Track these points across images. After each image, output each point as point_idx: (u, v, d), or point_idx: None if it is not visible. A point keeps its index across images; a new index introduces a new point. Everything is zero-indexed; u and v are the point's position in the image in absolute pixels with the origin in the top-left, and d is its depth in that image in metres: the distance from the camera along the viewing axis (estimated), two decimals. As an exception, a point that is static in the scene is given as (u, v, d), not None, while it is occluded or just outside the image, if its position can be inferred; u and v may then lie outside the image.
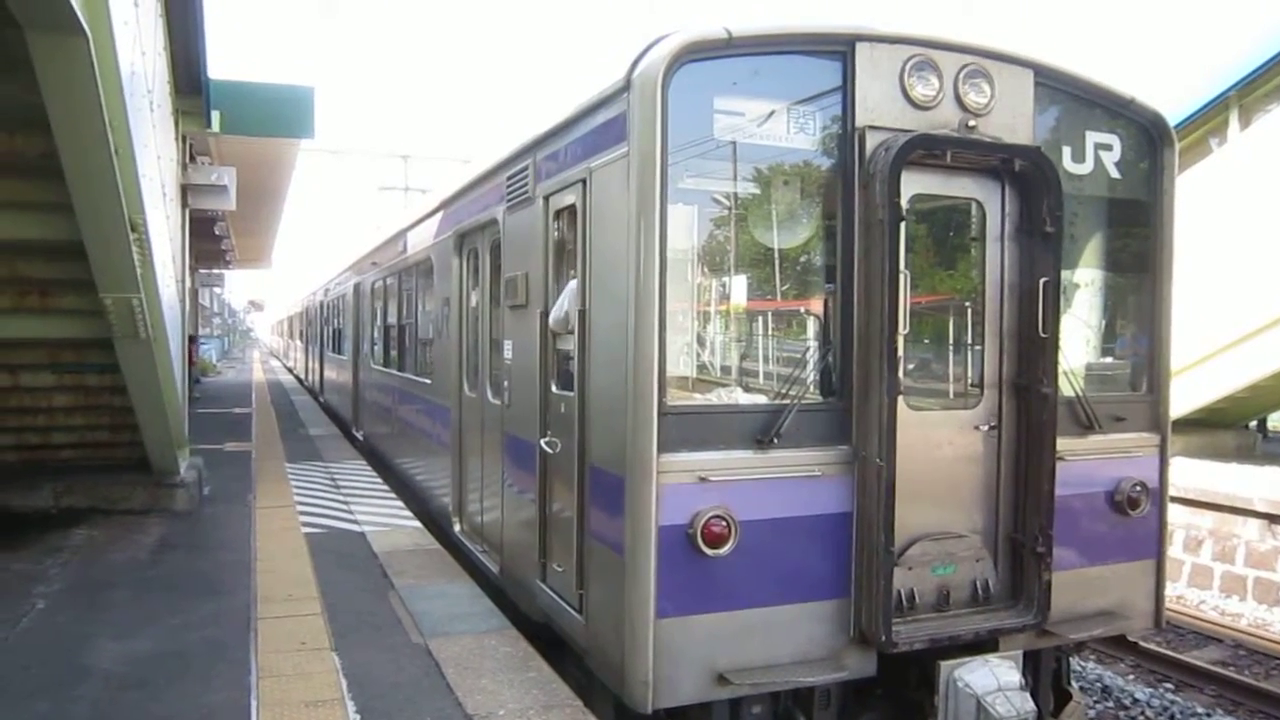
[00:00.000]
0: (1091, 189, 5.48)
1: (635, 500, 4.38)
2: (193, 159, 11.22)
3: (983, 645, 4.86)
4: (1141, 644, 8.91)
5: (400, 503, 9.68)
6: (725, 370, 5.20)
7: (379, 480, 11.11)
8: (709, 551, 4.39)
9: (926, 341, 5.44)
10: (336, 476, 11.32)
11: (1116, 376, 5.83)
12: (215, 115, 9.95)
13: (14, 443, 9.48)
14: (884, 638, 4.54)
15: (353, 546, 7.89)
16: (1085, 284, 5.86)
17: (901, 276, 4.59)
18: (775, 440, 4.53)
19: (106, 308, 6.46)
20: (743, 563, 4.48)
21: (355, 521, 8.75)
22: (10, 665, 5.17)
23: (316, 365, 22.86)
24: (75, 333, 7.40)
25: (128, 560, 7.44)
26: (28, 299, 7.22)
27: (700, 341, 5.17)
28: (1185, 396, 12.81)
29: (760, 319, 5.34)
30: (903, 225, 4.61)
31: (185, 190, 10.43)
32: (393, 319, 11.39)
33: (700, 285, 5.03)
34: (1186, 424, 13.19)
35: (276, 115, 10.78)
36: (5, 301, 7.17)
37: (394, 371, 11.21)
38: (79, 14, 4.18)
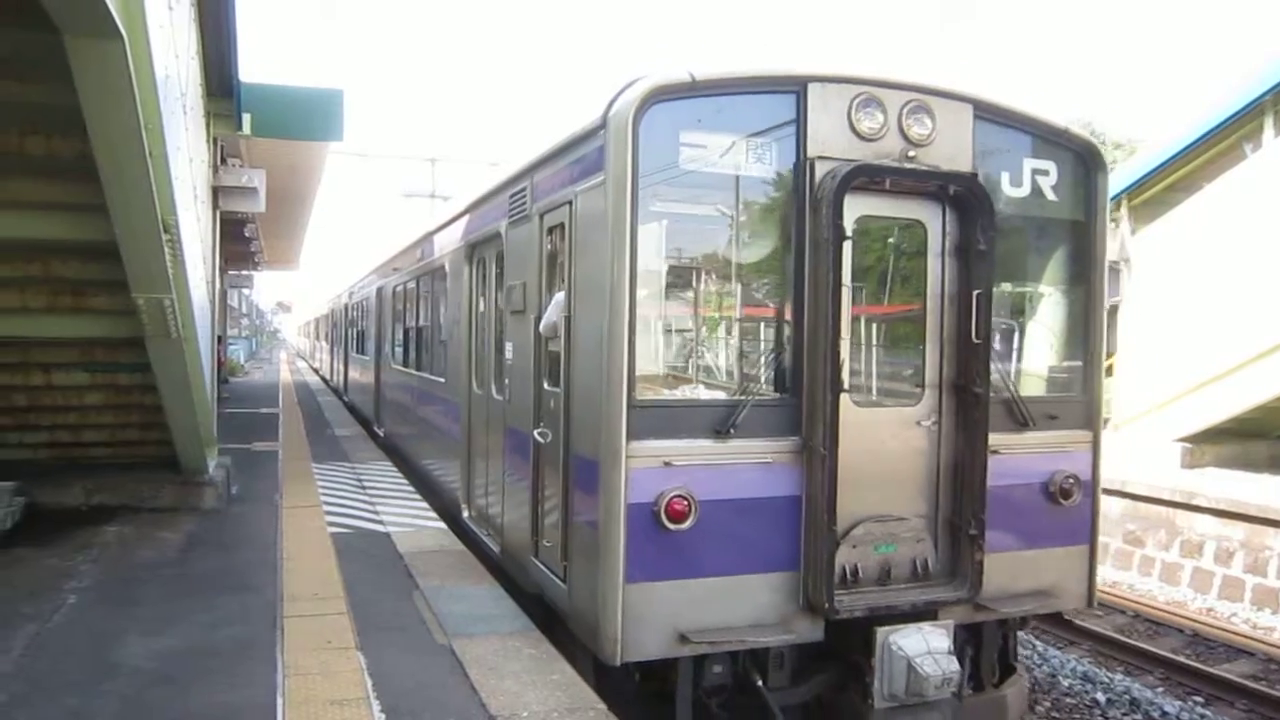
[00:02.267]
0: (1029, 210, 6.08)
1: (607, 481, 5.02)
2: (224, 161, 11.34)
3: (922, 616, 5.38)
4: (1171, 656, 8.81)
5: (425, 504, 9.73)
6: (689, 369, 5.79)
7: (404, 481, 11.17)
8: (671, 526, 5.03)
9: (877, 345, 6.07)
10: (362, 477, 11.39)
11: (1052, 379, 6.40)
12: (246, 118, 10.04)
13: (46, 440, 9.61)
14: (827, 605, 5.15)
15: (378, 547, 7.94)
16: (1023, 295, 6.58)
17: (844, 289, 5.26)
18: (732, 431, 5.15)
19: (139, 307, 6.53)
20: (702, 536, 5.10)
21: (380, 522, 8.80)
22: (42, 660, 5.24)
23: (341, 366, 23.61)
24: (108, 332, 7.49)
25: (157, 557, 7.53)
26: (61, 299, 7.31)
27: (668, 344, 5.82)
28: (1216, 406, 12.67)
29: (722, 325, 5.99)
30: (846, 245, 5.22)
31: (216, 192, 10.55)
32: (412, 322, 11.96)
33: (668, 295, 5.69)
34: (1218, 434, 13.03)
35: (306, 118, 10.86)
36: (40, 301, 7.27)
37: (412, 371, 11.77)
38: (116, 18, 4.24)
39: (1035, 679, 8.27)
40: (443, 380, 9.60)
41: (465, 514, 8.36)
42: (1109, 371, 16.60)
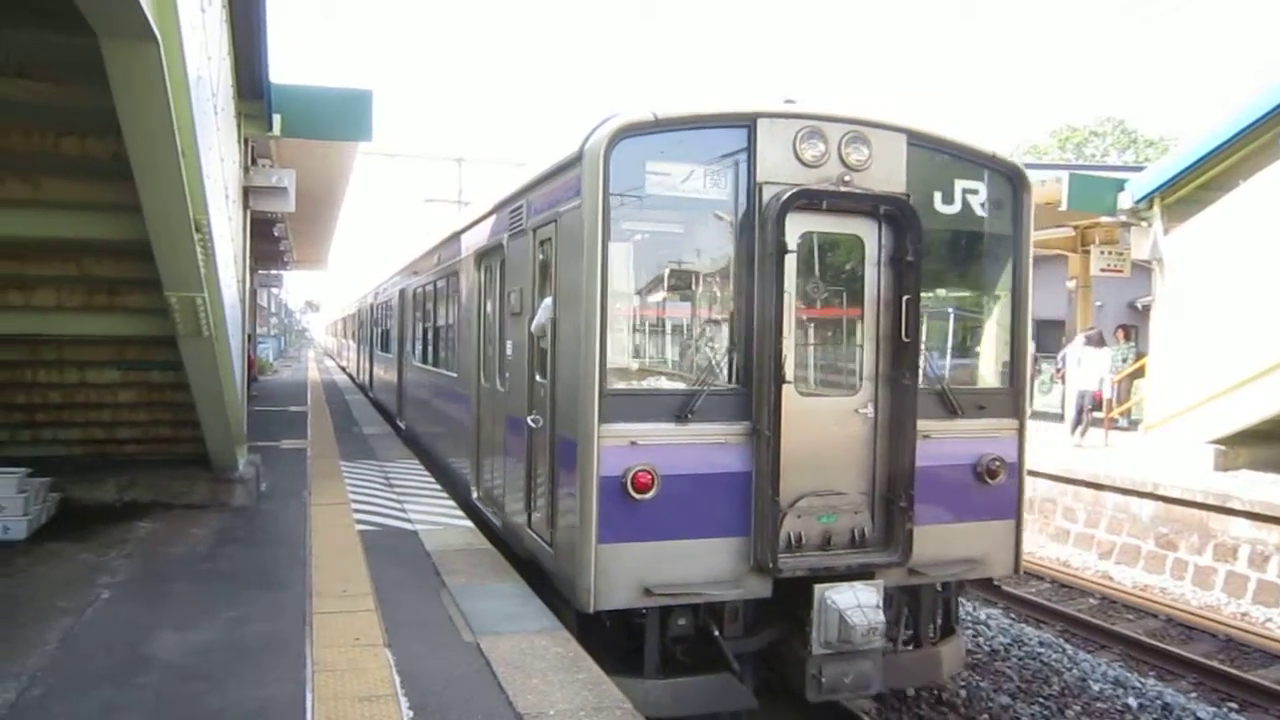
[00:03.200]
0: (961, 225, 6.83)
1: (583, 458, 5.86)
2: (254, 162, 11.43)
3: (859, 577, 6.10)
4: (1204, 661, 8.70)
5: (452, 503, 9.77)
6: (654, 363, 6.70)
7: (430, 479, 11.23)
8: (637, 496, 5.82)
9: (820, 343, 6.71)
10: (390, 475, 11.46)
11: (980, 374, 7.23)
12: (276, 118, 10.12)
13: (80, 437, 9.75)
14: (773, 566, 5.92)
15: (405, 544, 7.98)
16: (956, 300, 7.39)
17: (787, 296, 6.00)
18: (690, 416, 5.96)
19: (171, 306, 6.62)
20: (663, 505, 5.88)
21: (408, 520, 8.85)
22: (76, 654, 5.32)
23: (367, 364, 24.48)
24: (141, 330, 7.60)
25: (188, 553, 7.61)
26: (96, 297, 7.43)
27: (636, 342, 6.61)
28: (1250, 408, 12.48)
29: (683, 325, 6.75)
30: (789, 258, 6.01)
31: (247, 192, 10.64)
32: (431, 322, 12.90)
33: (636, 300, 6.49)
34: (1252, 436, 12.83)
35: (335, 118, 10.92)
36: (75, 300, 7.38)
37: (430, 367, 12.74)
38: (151, 21, 4.30)
39: (1065, 683, 8.19)
40: (455, 375, 10.47)
41: (474, 495, 9.13)
42: (1140, 373, 16.42)
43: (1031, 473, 13.65)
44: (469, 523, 8.83)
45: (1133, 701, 7.89)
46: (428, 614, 6.10)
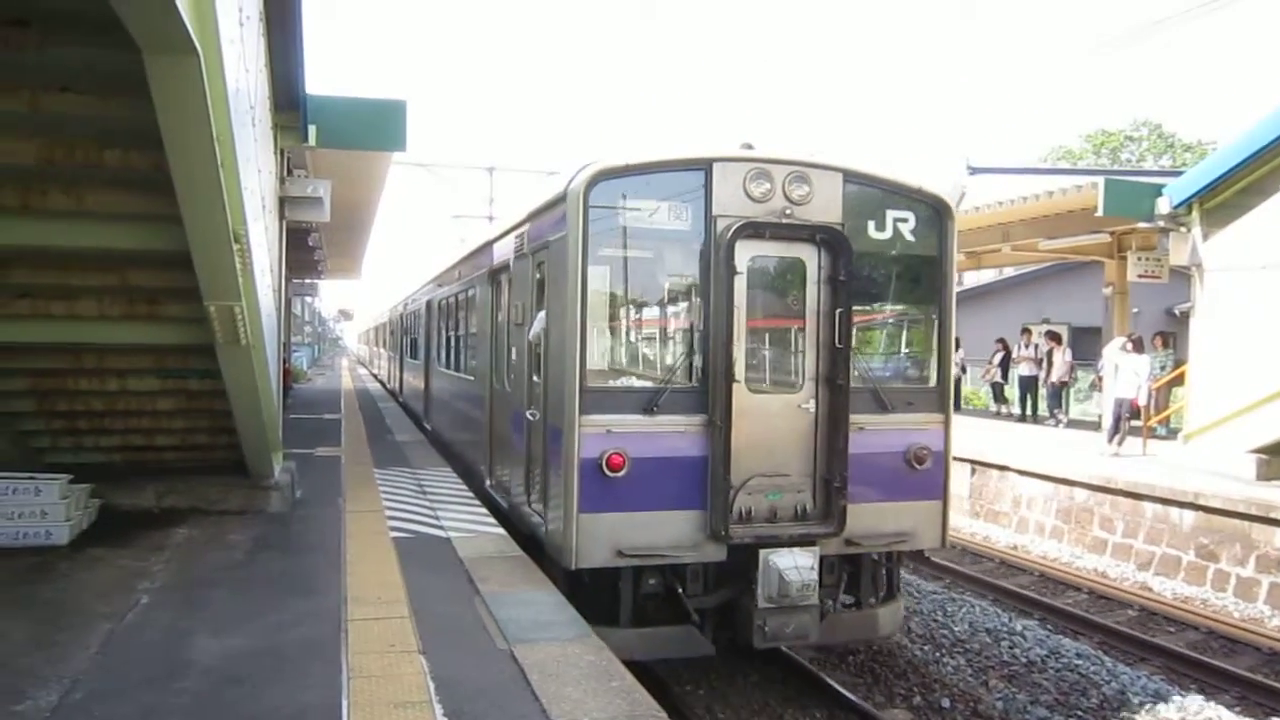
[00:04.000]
0: (892, 249, 7.91)
1: (567, 443, 7.04)
2: (290, 172, 11.57)
3: (799, 545, 7.20)
4: (1249, 675, 8.53)
5: (484, 510, 9.81)
6: (627, 365, 7.89)
7: (463, 486, 11.28)
8: (611, 474, 6.97)
9: (768, 348, 7.78)
10: (423, 482, 11.53)
11: (910, 375, 8.30)
12: (312, 129, 10.24)
13: (120, 444, 9.90)
14: (725, 534, 7.09)
15: (439, 551, 8.02)
16: (889, 312, 8.52)
17: (736, 309, 7.16)
18: (656, 409, 7.14)
19: (210, 315, 6.70)
20: (633, 482, 7.04)
21: (441, 527, 8.89)
22: (117, 658, 5.39)
23: (397, 370, 25.90)
24: (180, 339, 7.70)
25: (225, 559, 7.70)
26: (137, 307, 7.53)
27: (612, 348, 7.81)
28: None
29: (653, 334, 8.05)
30: (739, 278, 7.16)
31: (283, 202, 10.76)
32: (453, 331, 14.08)
33: (612, 313, 7.69)
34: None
35: (369, 129, 11.03)
36: (116, 309, 7.49)
37: (452, 372, 14.04)
38: (192, 35, 4.37)
39: (1104, 695, 8.07)
40: (473, 379, 11.73)
41: (488, 484, 10.36)
42: (1179, 380, 16.15)
43: (1068, 481, 13.54)
44: (501, 530, 8.86)
45: (1174, 716, 7.75)
46: (461, 621, 6.13)
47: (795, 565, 7.07)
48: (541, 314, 7.98)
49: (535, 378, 8.15)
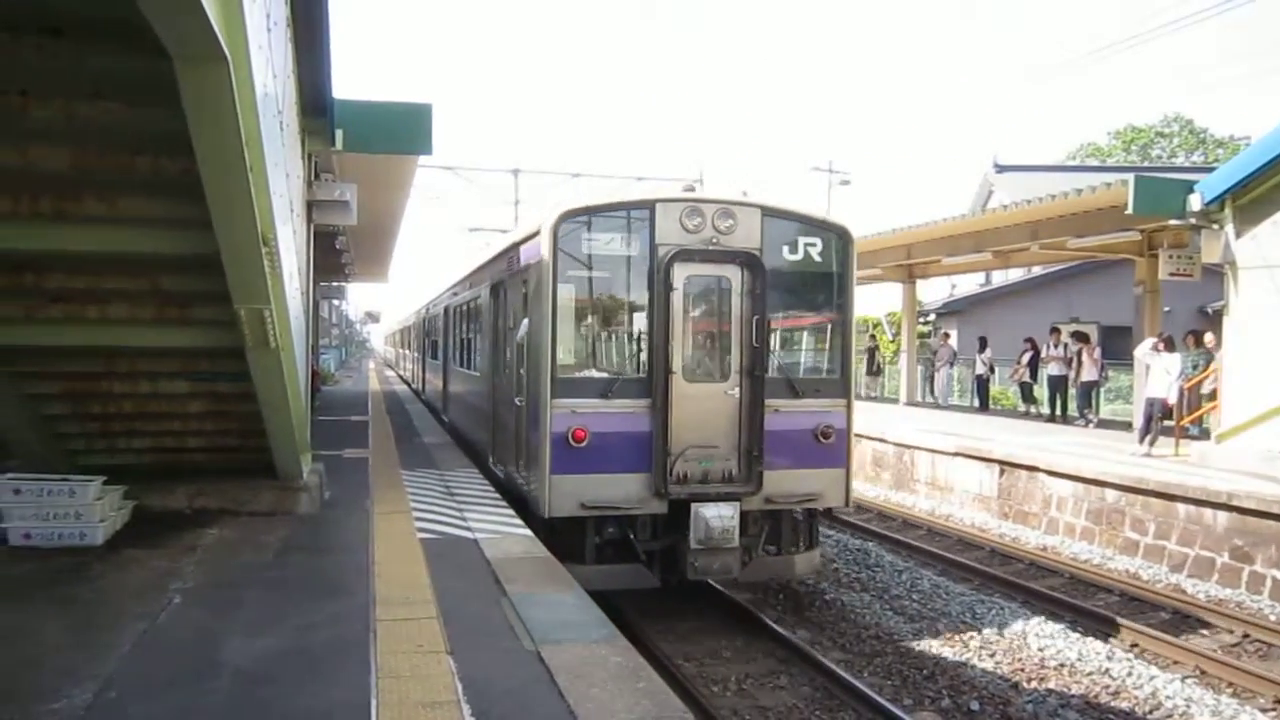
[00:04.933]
0: (804, 271, 9.88)
1: (542, 421, 9.01)
2: (317, 176, 11.66)
3: (725, 501, 9.07)
4: (1269, 676, 8.41)
5: (511, 511, 9.85)
6: (589, 360, 9.66)
7: (490, 488, 11.33)
8: (575, 444, 8.91)
9: (702, 347, 9.65)
10: (450, 483, 11.59)
11: (818, 367, 10.22)
12: (339, 133, 10.32)
13: (151, 446, 10.02)
14: (664, 491, 9.00)
15: (466, 552, 8.06)
16: (807, 326, 10.48)
17: (672, 317, 9.07)
18: (611, 394, 9.09)
19: (239, 318, 6.78)
20: (593, 451, 8.96)
21: (468, 528, 8.94)
22: (150, 657, 5.46)
23: (420, 370, 28.40)
24: (210, 342, 7.78)
25: (255, 560, 7.78)
26: (168, 310, 7.63)
27: (577, 347, 9.61)
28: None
29: (608, 336, 9.89)
30: (675, 294, 9.09)
31: (310, 206, 10.85)
32: (466, 334, 16.07)
33: (577, 320, 9.57)
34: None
35: (396, 132, 11.08)
36: (148, 313, 7.60)
37: (464, 370, 16.10)
38: (222, 42, 4.42)
39: (1135, 699, 7.98)
40: (479, 374, 13.75)
41: (490, 460, 12.24)
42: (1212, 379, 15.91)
43: (1098, 482, 13.38)
44: (528, 531, 8.90)
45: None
46: (489, 622, 6.15)
47: (719, 515, 8.94)
48: (526, 320, 9.85)
49: (521, 371, 10.02)
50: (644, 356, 9.30)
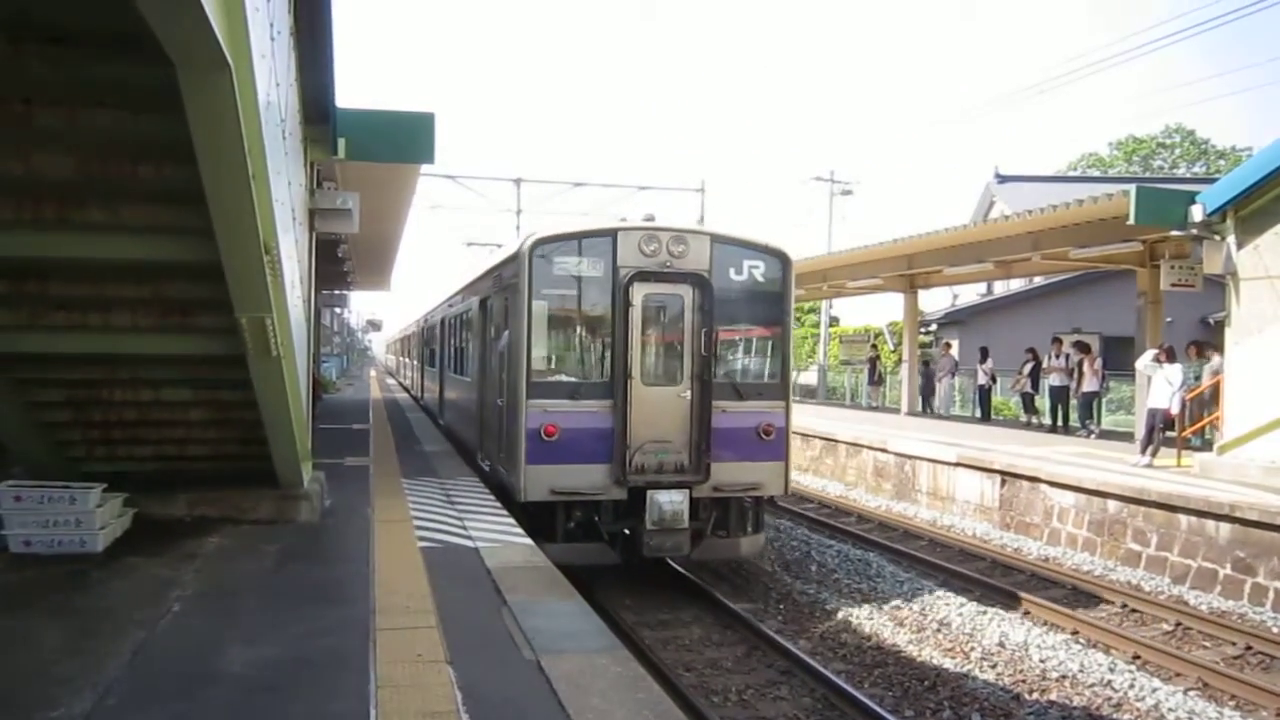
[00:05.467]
0: (749, 290, 11.14)
1: (519, 418, 10.27)
2: (319, 184, 11.68)
3: (676, 488, 10.29)
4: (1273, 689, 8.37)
5: (511, 520, 9.84)
6: (559, 366, 10.89)
7: (490, 496, 11.32)
8: (547, 439, 10.13)
9: (658, 356, 10.89)
10: (451, 492, 11.58)
11: (761, 373, 11.48)
12: (341, 142, 10.34)
13: (153, 453, 10.01)
14: (623, 480, 10.24)
15: (466, 561, 8.05)
16: (751, 337, 11.64)
17: (631, 330, 10.32)
18: (579, 395, 10.34)
19: (241, 326, 6.77)
20: (563, 444, 10.18)
21: (469, 537, 8.92)
22: (149, 665, 5.45)
23: (419, 377, 29.92)
24: (212, 350, 7.77)
25: (255, 568, 7.76)
26: (170, 318, 7.63)
27: (549, 355, 10.80)
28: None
29: (576, 345, 11.07)
30: (634, 309, 10.36)
31: (312, 214, 10.86)
32: (458, 344, 17.55)
33: (550, 331, 10.77)
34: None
35: (398, 141, 11.11)
36: (150, 321, 7.59)
37: (457, 376, 17.49)
38: (225, 50, 4.43)
39: (1138, 711, 7.95)
40: (470, 379, 14.86)
41: (479, 456, 13.38)
42: (1214, 390, 15.89)
43: (1100, 493, 13.36)
44: (528, 540, 8.88)
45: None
46: (488, 631, 6.14)
47: (671, 500, 10.19)
48: (507, 331, 11.20)
49: (503, 375, 11.34)
50: (607, 363, 10.51)
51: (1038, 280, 32.62)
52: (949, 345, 29.00)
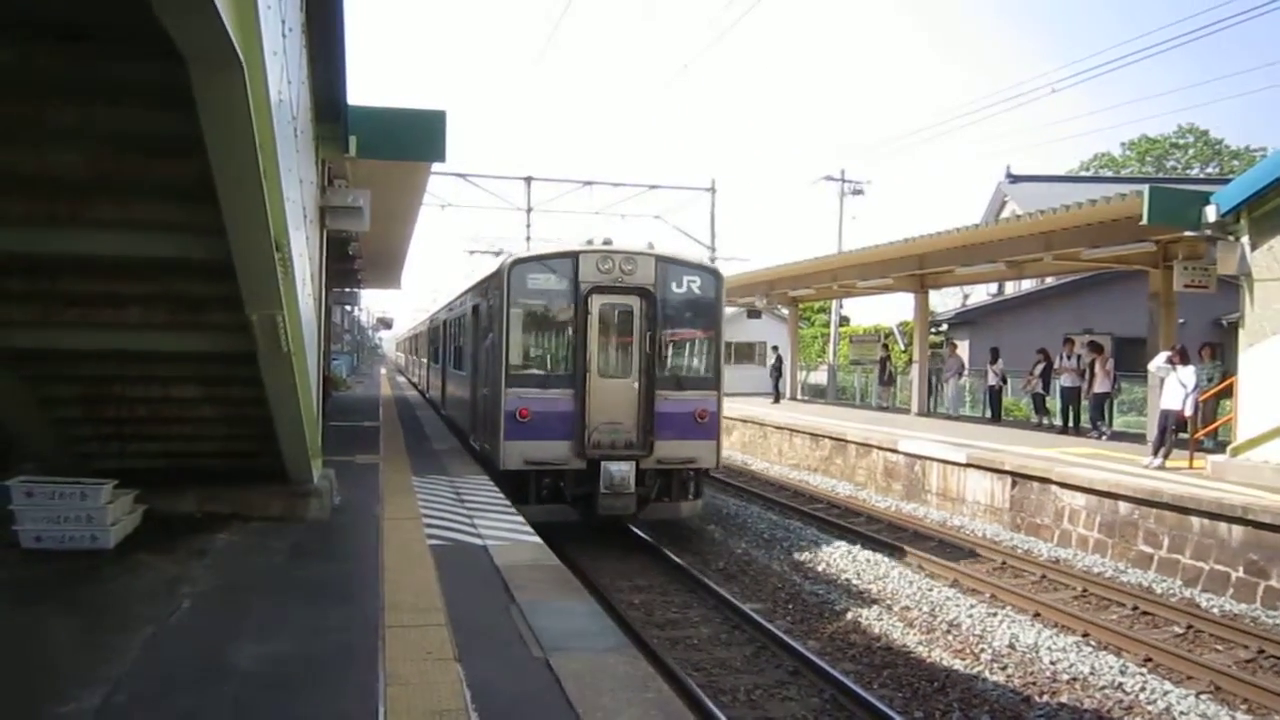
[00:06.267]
0: (687, 300, 13.45)
1: (499, 403, 12.68)
2: (330, 182, 11.69)
3: (624, 460, 12.52)
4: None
5: (520, 519, 9.85)
6: (532, 361, 13.32)
7: (500, 495, 11.34)
8: (521, 420, 12.48)
9: (613, 354, 13.12)
10: (461, 490, 11.59)
11: (698, 368, 13.76)
12: (352, 140, 10.34)
13: (163, 450, 10.04)
14: (583, 453, 12.53)
15: (475, 559, 8.05)
16: (689, 339, 13.93)
17: (590, 333, 12.66)
18: (548, 385, 12.77)
19: (252, 323, 6.79)
20: (535, 424, 12.49)
21: (478, 535, 8.93)
22: (159, 661, 5.47)
23: (424, 373, 33.30)
24: (222, 347, 7.80)
25: (265, 565, 7.78)
26: (180, 315, 7.65)
27: (524, 352, 13.20)
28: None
29: (546, 345, 13.47)
30: (592, 318, 12.65)
31: (323, 212, 10.88)
32: (456, 343, 20.20)
33: (524, 333, 13.20)
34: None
35: (409, 139, 11.11)
36: (161, 317, 7.61)
37: (455, 370, 20.21)
38: (237, 48, 4.43)
39: (1149, 715, 7.90)
40: (465, 373, 17.50)
41: (470, 438, 15.89)
42: (1227, 392, 15.79)
43: (1112, 495, 13.30)
44: (538, 539, 8.88)
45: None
46: (497, 629, 6.14)
47: (621, 470, 12.48)
48: (491, 333, 13.66)
49: (488, 369, 13.83)
50: (570, 359, 12.88)
51: (1049, 281, 32.47)
52: (955, 345, 28.89)
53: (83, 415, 9.04)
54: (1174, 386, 14.85)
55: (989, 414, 24.62)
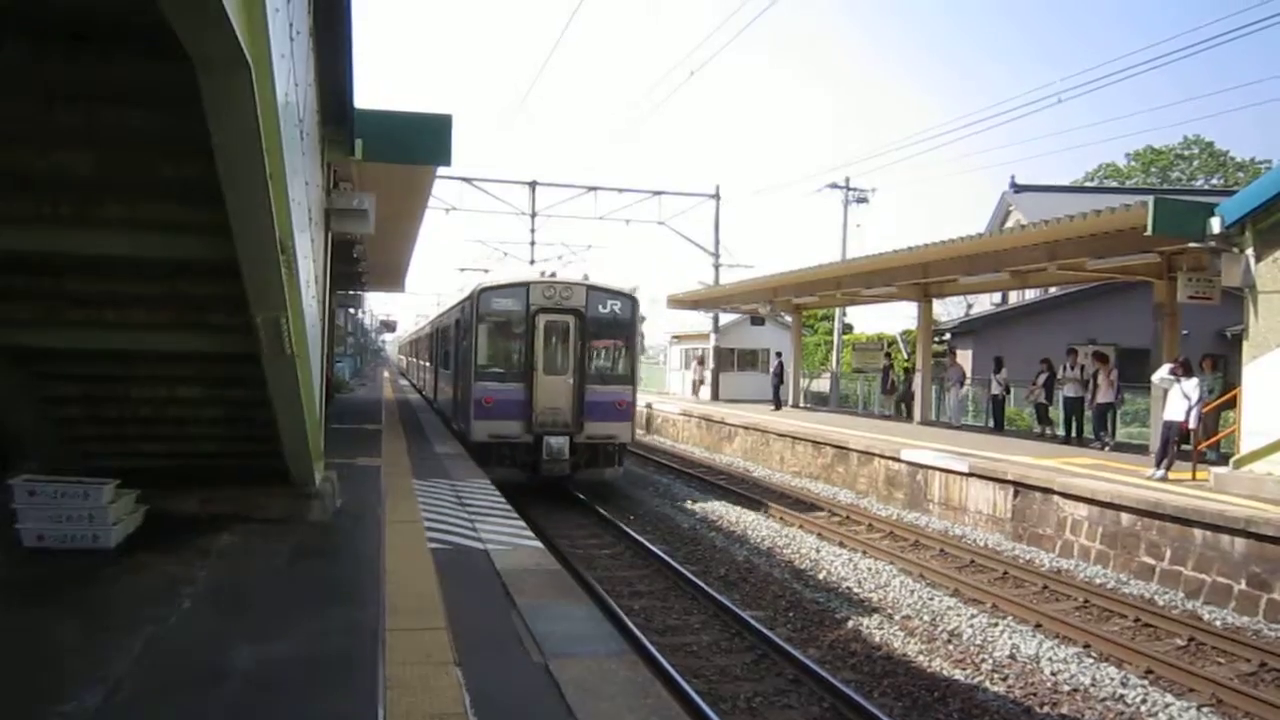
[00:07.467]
0: (610, 318, 18.09)
1: (470, 394, 17.69)
2: (336, 185, 11.70)
3: (561, 435, 17.13)
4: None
5: (522, 523, 9.85)
6: (494, 363, 17.89)
7: (501, 499, 11.33)
8: (486, 405, 17.26)
9: (555, 357, 17.52)
10: (462, 494, 11.59)
11: (617, 369, 18.46)
12: (358, 143, 10.35)
13: (166, 450, 10.06)
14: (532, 430, 17.12)
15: (476, 563, 8.05)
16: (611, 347, 18.64)
17: (536, 342, 17.38)
18: (505, 380, 17.41)
19: (256, 325, 6.80)
20: (496, 408, 17.21)
21: (480, 539, 8.93)
22: (159, 661, 5.47)
23: (423, 375, 36.61)
24: (226, 348, 7.81)
25: (266, 567, 7.79)
26: (185, 315, 7.67)
27: (489, 356, 17.84)
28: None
29: (505, 351, 18.00)
30: (539, 332, 17.38)
31: (328, 214, 10.89)
32: (445, 348, 24.61)
33: (489, 342, 17.99)
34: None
35: (415, 142, 11.14)
36: (165, 317, 7.63)
37: (443, 369, 24.58)
38: (245, 50, 4.45)
39: (1151, 726, 7.87)
40: (450, 371, 21.86)
41: (453, 422, 20.55)
42: (1230, 404, 15.77)
43: (1114, 505, 13.27)
44: (539, 543, 8.89)
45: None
46: (498, 634, 6.14)
47: (558, 442, 16.77)
48: (465, 341, 18.12)
49: (462, 368, 18.19)
50: (522, 361, 17.20)
51: (1053, 291, 32.44)
52: (955, 353, 28.85)
53: (86, 415, 9.06)
54: (1177, 398, 14.82)
55: (992, 424, 24.59)
